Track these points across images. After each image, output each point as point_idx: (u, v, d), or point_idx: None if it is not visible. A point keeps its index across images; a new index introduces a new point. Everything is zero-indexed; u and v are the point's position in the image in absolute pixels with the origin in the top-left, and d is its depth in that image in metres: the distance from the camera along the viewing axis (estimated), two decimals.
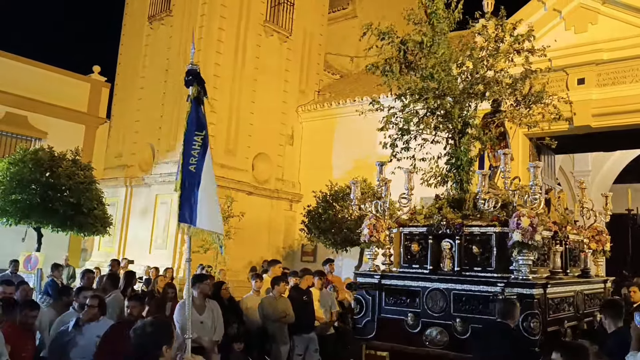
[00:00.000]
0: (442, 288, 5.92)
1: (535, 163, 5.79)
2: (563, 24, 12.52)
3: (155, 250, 15.45)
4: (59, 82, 18.49)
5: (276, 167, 17.36)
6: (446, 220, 6.07)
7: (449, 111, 6.67)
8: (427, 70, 6.66)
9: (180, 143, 16.15)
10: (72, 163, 12.44)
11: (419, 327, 5.96)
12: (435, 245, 6.17)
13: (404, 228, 6.54)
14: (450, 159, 6.81)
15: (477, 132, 6.78)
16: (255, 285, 8.78)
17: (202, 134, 4.39)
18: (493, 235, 5.83)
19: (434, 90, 6.59)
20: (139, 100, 17.47)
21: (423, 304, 6.03)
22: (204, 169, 4.35)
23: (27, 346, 5.50)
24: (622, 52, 11.64)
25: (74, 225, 12.21)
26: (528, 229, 5.34)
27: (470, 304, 5.73)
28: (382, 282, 6.37)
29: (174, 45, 16.62)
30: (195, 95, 4.41)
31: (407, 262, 6.42)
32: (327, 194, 12.78)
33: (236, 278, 12.78)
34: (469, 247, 5.95)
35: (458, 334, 5.68)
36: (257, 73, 16.91)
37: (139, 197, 16.68)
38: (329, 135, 17.30)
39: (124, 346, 5.40)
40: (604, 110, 11.68)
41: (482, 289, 5.66)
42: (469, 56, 6.82)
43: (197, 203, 4.25)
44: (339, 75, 20.50)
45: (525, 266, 5.47)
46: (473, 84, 6.74)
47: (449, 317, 5.80)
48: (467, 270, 5.94)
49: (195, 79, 4.42)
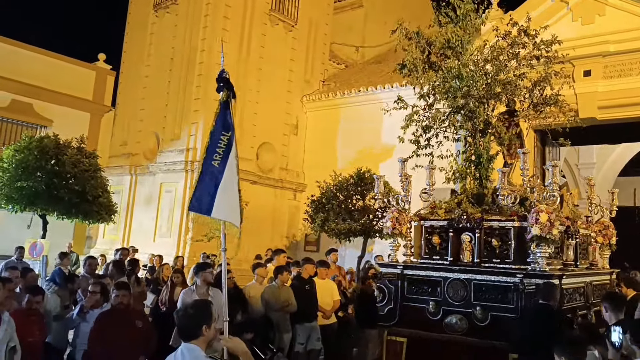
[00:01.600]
0: (463, 278, 6.24)
1: (554, 162, 6.17)
2: (570, 15, 12.44)
3: (160, 239, 15.53)
4: (65, 69, 18.51)
5: (280, 157, 17.37)
6: (467, 215, 6.41)
7: (474, 110, 6.90)
8: (455, 70, 6.85)
9: (184, 132, 16.01)
10: (77, 151, 12.49)
11: (439, 314, 6.28)
12: (455, 237, 6.50)
13: (425, 221, 6.83)
14: (470, 156, 7.09)
15: (499, 131, 7.03)
16: (258, 274, 8.83)
17: (228, 135, 4.62)
18: (512, 229, 6.17)
19: (461, 90, 6.82)
20: (144, 88, 17.49)
21: (444, 293, 6.35)
22: (227, 166, 4.54)
23: (33, 331, 5.55)
24: (629, 44, 11.56)
25: (79, 213, 12.28)
26: (546, 223, 5.68)
27: (490, 293, 6.06)
28: (404, 272, 6.68)
29: (180, 33, 16.61)
30: (224, 99, 4.68)
31: (428, 254, 6.75)
32: (331, 184, 12.79)
33: (240, 267, 12.83)
34: (488, 240, 6.29)
35: (478, 321, 6.00)
36: (262, 62, 16.88)
37: (144, 186, 16.76)
38: (333, 125, 17.29)
39: (115, 333, 5.49)
40: (609, 103, 11.62)
41: (502, 280, 6.00)
42: (492, 60, 7.01)
43: (217, 196, 4.45)
44: (344, 65, 20.44)
45: (542, 258, 5.80)
46: (495, 86, 6.96)
47: (469, 306, 6.11)
48: (485, 262, 6.27)
49: (225, 85, 4.68)
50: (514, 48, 7.00)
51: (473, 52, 6.97)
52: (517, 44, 7.02)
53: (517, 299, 5.87)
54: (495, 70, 6.92)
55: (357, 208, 11.99)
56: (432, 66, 7.15)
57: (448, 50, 6.97)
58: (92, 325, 5.71)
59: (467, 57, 6.91)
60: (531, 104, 7.15)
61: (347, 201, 12.07)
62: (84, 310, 6.09)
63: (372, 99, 16.24)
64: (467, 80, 6.79)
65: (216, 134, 4.60)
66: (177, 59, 16.49)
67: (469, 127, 7.03)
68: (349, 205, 12.04)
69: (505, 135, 7.07)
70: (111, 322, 5.67)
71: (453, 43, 6.91)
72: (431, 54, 7.13)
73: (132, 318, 5.87)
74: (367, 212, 11.91)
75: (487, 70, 6.96)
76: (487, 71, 6.95)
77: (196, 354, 3.23)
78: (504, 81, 6.94)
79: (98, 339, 5.54)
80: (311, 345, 8.20)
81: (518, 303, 5.86)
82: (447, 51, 6.98)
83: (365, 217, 11.74)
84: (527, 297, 5.79)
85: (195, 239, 14.23)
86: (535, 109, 7.18)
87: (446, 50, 6.98)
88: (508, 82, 6.95)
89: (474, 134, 7.02)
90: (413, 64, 7.17)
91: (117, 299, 5.83)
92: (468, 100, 6.87)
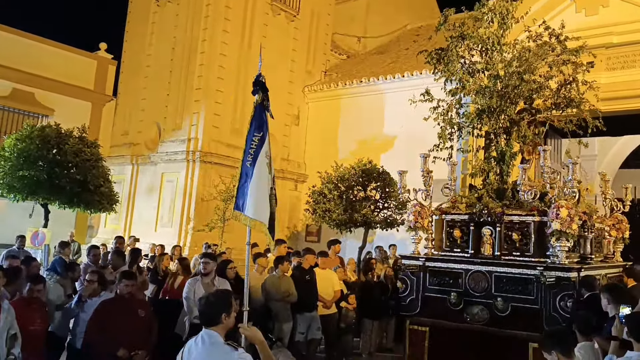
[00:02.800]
0: (484, 270, 6.52)
1: (574, 160, 6.48)
2: (574, 6, 12.36)
3: (161, 228, 15.56)
4: (66, 59, 18.46)
5: (282, 147, 17.35)
6: (487, 209, 6.65)
7: (503, 109, 7.10)
8: (495, 69, 7.08)
9: (186, 122, 16.03)
10: (79, 140, 12.48)
11: (461, 305, 6.56)
12: (476, 231, 6.75)
13: (446, 215, 7.09)
14: (492, 152, 7.32)
15: (523, 129, 7.24)
16: (258, 264, 8.87)
17: (259, 135, 4.87)
18: (532, 223, 6.44)
19: (498, 91, 7.04)
20: (146, 78, 17.46)
21: (465, 284, 6.63)
22: (257, 164, 4.75)
23: (34, 320, 5.57)
24: (632, 35, 11.48)
25: (81, 202, 12.29)
26: (566, 218, 5.98)
27: (510, 285, 6.33)
28: (426, 264, 6.94)
29: (181, 23, 16.54)
30: (259, 101, 4.95)
31: (449, 247, 7.01)
32: (332, 174, 12.78)
33: (240, 257, 12.84)
34: (508, 234, 6.56)
35: (499, 311, 6.28)
36: (263, 52, 16.70)
37: (145, 175, 16.77)
38: (335, 115, 17.26)
39: (117, 322, 5.51)
40: (612, 95, 11.56)
41: (522, 272, 6.27)
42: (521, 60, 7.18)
43: (248, 194, 4.68)
44: (346, 56, 20.37)
45: (562, 252, 6.10)
46: (524, 86, 7.14)
47: (490, 297, 6.40)
48: (506, 255, 6.54)
49: (260, 88, 4.95)
50: (543, 50, 7.20)
51: (507, 51, 7.19)
52: (548, 46, 7.24)
53: (537, 291, 6.14)
54: (524, 70, 7.08)
55: (358, 199, 11.99)
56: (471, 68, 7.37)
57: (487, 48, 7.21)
58: (93, 313, 5.73)
59: (502, 56, 7.14)
60: (554, 104, 7.33)
61: (348, 192, 12.07)
62: (82, 299, 6.12)
63: (374, 90, 16.21)
64: (504, 80, 7.01)
65: (250, 135, 4.83)
66: (178, 49, 16.45)
67: (494, 125, 7.21)
68: (350, 196, 12.04)
69: (529, 134, 7.28)
70: (114, 310, 5.70)
71: (490, 43, 7.13)
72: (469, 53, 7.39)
73: (134, 307, 5.89)
74: (369, 202, 11.92)
75: (517, 70, 7.11)
76: (518, 71, 7.09)
77: (215, 339, 3.44)
78: (531, 81, 7.12)
79: (99, 327, 5.56)
80: (311, 335, 8.25)
81: (538, 294, 6.13)
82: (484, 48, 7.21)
83: (367, 208, 11.74)
84: (547, 288, 6.03)
85: (196, 228, 14.26)
86: (558, 109, 7.36)
87: (484, 46, 7.20)
88: (534, 82, 7.14)
89: (498, 131, 7.22)
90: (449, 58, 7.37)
91: (125, 289, 5.83)
92: (500, 100, 7.05)
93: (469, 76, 7.30)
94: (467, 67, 7.36)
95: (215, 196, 14.05)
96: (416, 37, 19.72)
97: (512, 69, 7.06)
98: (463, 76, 7.28)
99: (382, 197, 12.14)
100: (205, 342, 3.46)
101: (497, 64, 7.10)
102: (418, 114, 8.21)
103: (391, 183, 12.28)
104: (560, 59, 7.20)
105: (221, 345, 3.45)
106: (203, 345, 3.45)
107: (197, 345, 3.49)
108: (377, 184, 12.16)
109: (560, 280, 5.98)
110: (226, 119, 15.85)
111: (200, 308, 3.68)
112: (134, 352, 5.50)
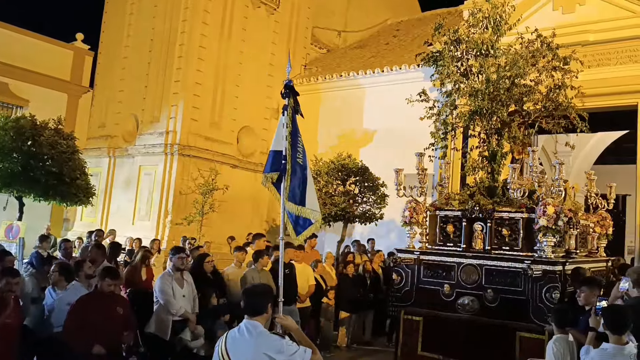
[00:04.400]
0: (475, 264, 6.91)
1: (560, 160, 6.84)
2: (551, 4, 12.52)
3: (139, 222, 15.42)
4: (42, 49, 18.15)
5: (261, 141, 17.30)
6: (479, 206, 7.04)
7: (494, 111, 7.40)
8: (486, 73, 7.37)
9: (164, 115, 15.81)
10: (55, 132, 12.31)
11: (453, 296, 6.94)
12: (468, 226, 7.14)
13: (439, 211, 7.46)
14: (483, 152, 7.67)
15: (514, 131, 7.57)
16: (237, 258, 8.87)
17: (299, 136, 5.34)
18: (520, 220, 6.83)
19: (489, 93, 7.33)
20: (123, 69, 17.23)
21: (457, 277, 7.01)
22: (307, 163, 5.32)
23: (9, 314, 5.49)
24: (608, 33, 11.68)
25: (56, 195, 12.13)
26: (553, 215, 6.33)
27: (499, 278, 6.72)
28: (421, 258, 7.33)
29: (159, 14, 16.35)
30: (292, 105, 5.33)
31: (442, 241, 7.41)
32: (311, 168, 12.80)
33: (219, 251, 12.83)
34: (498, 230, 6.96)
35: (489, 302, 6.67)
36: (243, 45, 16.74)
37: (122, 168, 16.58)
38: (314, 109, 17.23)
39: (95, 318, 5.46)
40: (588, 92, 11.73)
41: (511, 265, 6.66)
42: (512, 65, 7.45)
43: (307, 189, 5.15)
44: (326, 50, 20.35)
45: (548, 247, 6.47)
46: (516, 90, 7.50)
47: (480, 288, 6.79)
48: (495, 249, 6.94)
49: (291, 92, 5.30)
50: (535, 57, 7.56)
51: (500, 55, 7.51)
52: (539, 53, 7.59)
53: (525, 283, 6.51)
54: (515, 74, 7.41)
55: (337, 193, 12.04)
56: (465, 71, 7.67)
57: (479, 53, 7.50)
58: (70, 308, 5.66)
59: (495, 60, 7.46)
60: (543, 107, 7.69)
61: (327, 186, 12.11)
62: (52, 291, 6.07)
63: (353, 84, 16.24)
64: (495, 83, 7.32)
65: (295, 136, 5.26)
66: (157, 40, 16.26)
67: (486, 126, 7.56)
68: (329, 189, 12.08)
69: (519, 135, 7.62)
70: (92, 306, 5.63)
71: (484, 47, 7.43)
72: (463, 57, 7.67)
73: (113, 304, 5.83)
74: (347, 197, 11.97)
75: (508, 75, 7.45)
76: (509, 75, 7.44)
77: (260, 329, 3.62)
78: (522, 85, 7.49)
79: (77, 322, 5.49)
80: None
81: (525, 286, 6.50)
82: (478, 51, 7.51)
83: (346, 202, 11.80)
84: (534, 281, 6.41)
85: (174, 222, 14.16)
86: (547, 112, 7.70)
87: (478, 50, 7.50)
88: (525, 86, 7.51)
89: (490, 132, 7.55)
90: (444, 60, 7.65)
91: (107, 287, 5.75)
92: (492, 103, 7.37)
93: (463, 78, 7.62)
94: (462, 70, 7.67)
95: (193, 190, 13.97)
96: (396, 32, 19.80)
97: (504, 72, 7.38)
98: (458, 78, 7.60)
99: (360, 191, 12.20)
100: (252, 332, 3.58)
101: (490, 67, 7.39)
102: (398, 110, 8.36)
103: (370, 177, 12.35)
104: (550, 65, 7.59)
105: (268, 334, 3.63)
106: (250, 335, 3.57)
107: (242, 335, 3.59)
108: (356, 178, 12.21)
109: (547, 274, 6.34)
110: (205, 112, 15.74)
111: (247, 299, 3.79)
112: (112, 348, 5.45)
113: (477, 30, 7.61)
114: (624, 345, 4.03)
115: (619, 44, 11.69)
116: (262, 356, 3.47)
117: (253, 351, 3.50)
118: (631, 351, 4.01)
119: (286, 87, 5.31)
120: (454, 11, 17.86)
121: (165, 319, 6.80)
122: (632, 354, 4.00)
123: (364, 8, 21.24)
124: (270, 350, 3.49)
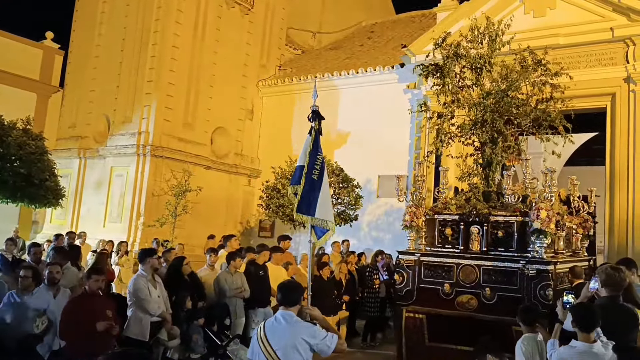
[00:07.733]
0: (473, 264, 7.35)
1: (552, 168, 7.39)
2: (522, 7, 12.72)
3: (110, 224, 15.19)
4: (10, 47, 17.71)
5: (235, 142, 17.22)
6: (476, 210, 7.50)
7: (491, 122, 7.80)
8: (485, 87, 7.85)
9: (136, 115, 15.69)
10: (23, 132, 12.07)
11: (453, 294, 7.37)
12: (465, 229, 7.60)
13: (438, 215, 7.88)
14: (478, 159, 8.17)
15: (508, 141, 8.02)
16: (209, 260, 8.79)
17: (322, 155, 6.08)
18: (515, 223, 7.30)
19: (490, 106, 7.79)
20: (94, 69, 16.96)
21: (457, 276, 7.43)
22: (324, 180, 5.92)
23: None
24: (577, 37, 11.91)
25: (25, 197, 11.89)
26: (545, 219, 6.83)
27: (496, 277, 7.18)
28: (421, 259, 7.73)
29: (132, 13, 16.15)
30: (317, 128, 6.14)
31: (441, 243, 7.81)
32: (286, 169, 12.76)
33: (193, 253, 12.69)
34: (494, 232, 7.41)
35: (486, 300, 7.11)
36: (217, 45, 16.62)
37: (93, 170, 16.32)
38: (289, 110, 17.22)
39: (87, 316, 5.40)
40: (558, 95, 11.93)
41: (507, 265, 7.15)
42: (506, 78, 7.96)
43: (318, 201, 5.74)
44: (301, 51, 20.35)
45: (542, 248, 6.95)
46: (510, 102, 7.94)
47: (478, 287, 7.23)
48: (491, 251, 7.38)
49: (317, 117, 6.21)
50: (528, 72, 8.00)
51: (497, 70, 8.00)
52: (531, 68, 8.02)
53: (520, 281, 6.97)
54: (508, 87, 7.90)
55: None
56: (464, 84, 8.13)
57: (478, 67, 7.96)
58: (65, 308, 5.61)
59: (490, 75, 7.95)
60: (533, 120, 8.12)
61: None
62: (17, 295, 5.91)
63: (328, 85, 16.26)
64: (495, 95, 7.79)
65: (314, 155, 5.97)
66: (129, 40, 16.05)
67: (482, 136, 7.98)
68: None
69: (513, 144, 8.08)
70: (85, 307, 5.59)
71: (481, 62, 7.90)
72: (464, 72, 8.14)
73: (103, 307, 5.75)
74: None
75: (503, 88, 7.96)
76: (503, 88, 7.95)
77: (295, 318, 4.13)
78: (516, 98, 7.95)
79: (72, 322, 5.47)
80: None
81: (521, 285, 6.96)
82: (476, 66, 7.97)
83: None
84: (529, 280, 6.88)
85: (147, 224, 13.97)
86: (537, 123, 8.15)
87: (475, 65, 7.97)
88: (517, 99, 7.97)
89: (485, 141, 7.97)
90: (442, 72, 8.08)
91: (95, 284, 5.74)
92: (492, 114, 7.81)
93: (461, 90, 8.09)
94: (460, 84, 8.15)
95: (166, 191, 13.81)
96: (371, 33, 19.88)
97: (498, 86, 7.87)
98: (458, 91, 8.05)
99: (335, 192, 12.20)
100: (288, 320, 4.08)
101: (484, 79, 7.92)
102: (372, 111, 8.43)
103: (345, 179, 12.36)
104: (540, 80, 8.05)
105: (302, 321, 4.15)
106: (287, 323, 4.08)
107: (279, 324, 4.10)
108: (330, 179, 12.21)
109: (540, 272, 6.83)
110: (178, 112, 15.59)
111: (284, 293, 4.27)
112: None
113: (474, 45, 8.09)
114: (592, 343, 4.09)
115: (589, 47, 11.93)
116: (300, 340, 4.00)
117: (291, 336, 4.02)
118: (599, 350, 4.06)
119: (313, 113, 6.20)
120: (428, 13, 18.03)
121: (144, 320, 6.75)
122: (602, 353, 4.05)
123: (339, 10, 21.30)
124: (306, 335, 4.04)
